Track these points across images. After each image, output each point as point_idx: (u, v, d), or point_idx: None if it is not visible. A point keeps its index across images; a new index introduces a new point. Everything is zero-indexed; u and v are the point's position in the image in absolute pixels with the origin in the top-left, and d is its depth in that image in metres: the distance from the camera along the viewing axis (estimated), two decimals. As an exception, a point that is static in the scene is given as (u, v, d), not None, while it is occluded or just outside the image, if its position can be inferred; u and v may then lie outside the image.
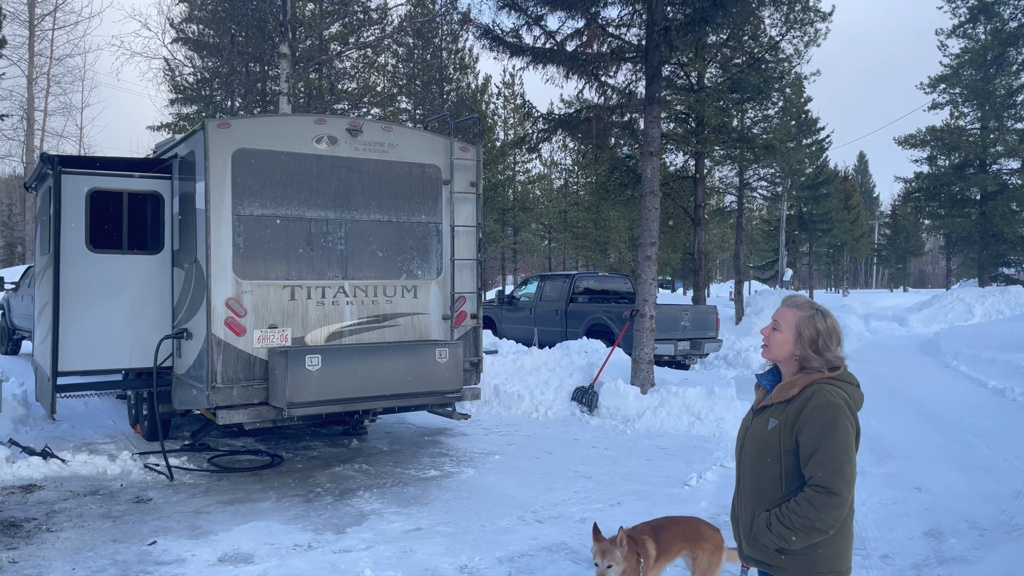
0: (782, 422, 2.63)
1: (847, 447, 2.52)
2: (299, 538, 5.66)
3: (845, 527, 2.62)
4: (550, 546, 5.53)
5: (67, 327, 7.44)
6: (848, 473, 2.51)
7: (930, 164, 39.73)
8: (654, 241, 10.40)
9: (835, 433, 2.53)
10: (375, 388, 6.99)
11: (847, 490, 2.51)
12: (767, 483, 2.67)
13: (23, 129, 37.57)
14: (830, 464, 2.50)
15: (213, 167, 6.72)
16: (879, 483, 7.21)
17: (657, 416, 9.67)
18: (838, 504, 2.50)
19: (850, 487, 2.53)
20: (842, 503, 2.51)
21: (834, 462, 2.50)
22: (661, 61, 10.29)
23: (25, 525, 5.85)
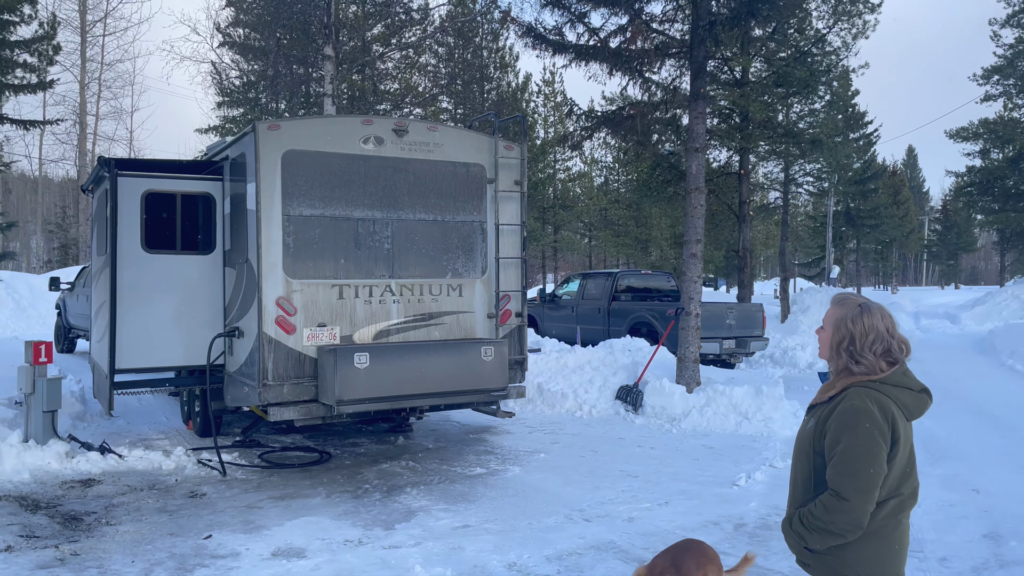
0: (817, 422, 2.62)
1: (863, 454, 2.48)
2: (349, 533, 5.73)
3: (882, 533, 2.55)
4: (598, 545, 5.52)
5: (123, 326, 7.64)
6: (863, 481, 2.47)
7: (983, 157, 38.64)
8: (699, 238, 10.30)
9: (853, 439, 2.49)
10: (422, 386, 7.06)
11: (858, 497, 2.47)
12: (800, 482, 2.68)
13: (76, 133, 38.69)
14: (843, 469, 2.49)
15: (263, 168, 6.84)
16: (935, 485, 7.04)
17: (703, 415, 9.58)
18: (848, 510, 2.47)
19: (863, 494, 2.48)
20: (851, 509, 2.47)
21: (847, 468, 2.48)
22: (706, 56, 10.19)
23: (85, 518, 6.03)
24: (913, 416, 2.59)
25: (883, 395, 2.53)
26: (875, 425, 2.49)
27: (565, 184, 41.22)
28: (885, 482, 2.53)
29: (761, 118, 18.07)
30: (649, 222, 37.62)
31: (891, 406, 2.53)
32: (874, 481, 2.48)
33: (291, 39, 19.96)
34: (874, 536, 2.55)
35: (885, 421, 2.50)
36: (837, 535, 2.53)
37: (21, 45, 14.93)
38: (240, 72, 23.92)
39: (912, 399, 2.59)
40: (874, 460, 2.48)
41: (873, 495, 2.49)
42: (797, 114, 23.11)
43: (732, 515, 6.17)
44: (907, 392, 2.58)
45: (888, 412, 2.51)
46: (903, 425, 2.54)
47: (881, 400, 2.52)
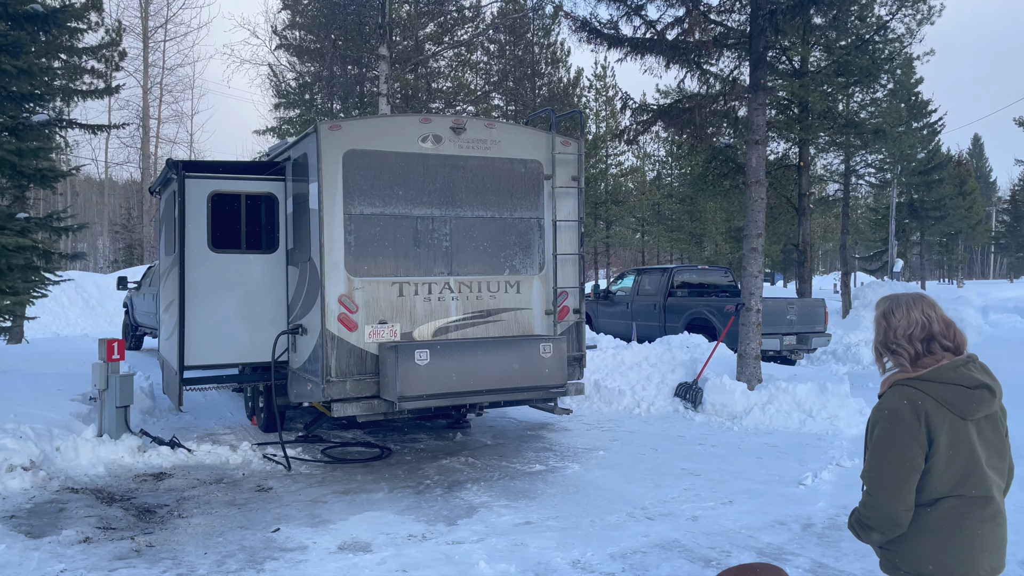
0: (869, 420, 2.68)
1: (887, 452, 2.52)
2: (413, 528, 5.79)
3: (941, 531, 2.53)
4: (663, 544, 5.46)
5: (191, 323, 7.84)
6: (886, 478, 2.52)
7: (1055, 145, 37.00)
8: (760, 232, 10.10)
9: (880, 437, 2.54)
10: (481, 382, 7.08)
11: (882, 494, 2.52)
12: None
13: (139, 136, 39.92)
14: (870, 466, 2.57)
15: (325, 168, 6.94)
16: (1014, 486, 6.76)
17: (765, 413, 9.40)
18: (874, 505, 2.54)
19: (887, 491, 2.52)
20: (877, 504, 2.53)
21: (873, 465, 2.56)
22: (766, 46, 9.97)
23: (158, 511, 6.21)
24: (966, 414, 2.52)
25: (921, 393, 2.52)
26: (901, 424, 2.50)
27: (617, 179, 40.94)
28: (936, 481, 2.52)
29: (821, 109, 17.63)
30: (704, 216, 37.15)
31: (928, 405, 2.50)
32: (898, 479, 2.50)
33: (345, 40, 20.22)
34: (931, 534, 2.54)
35: (916, 420, 2.49)
36: (874, 530, 2.58)
37: (88, 52, 15.43)
38: (296, 74, 24.35)
39: (961, 396, 2.52)
40: (896, 458, 2.50)
41: (898, 493, 2.51)
42: (858, 104, 22.50)
43: (799, 515, 6.04)
44: (954, 389, 2.52)
45: (921, 411, 2.50)
46: (945, 423, 2.50)
47: (915, 399, 2.51)
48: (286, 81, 24.49)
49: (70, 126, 15.24)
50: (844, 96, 21.28)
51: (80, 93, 15.39)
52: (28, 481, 6.61)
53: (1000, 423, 2.63)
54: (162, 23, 40.75)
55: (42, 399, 8.50)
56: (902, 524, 2.54)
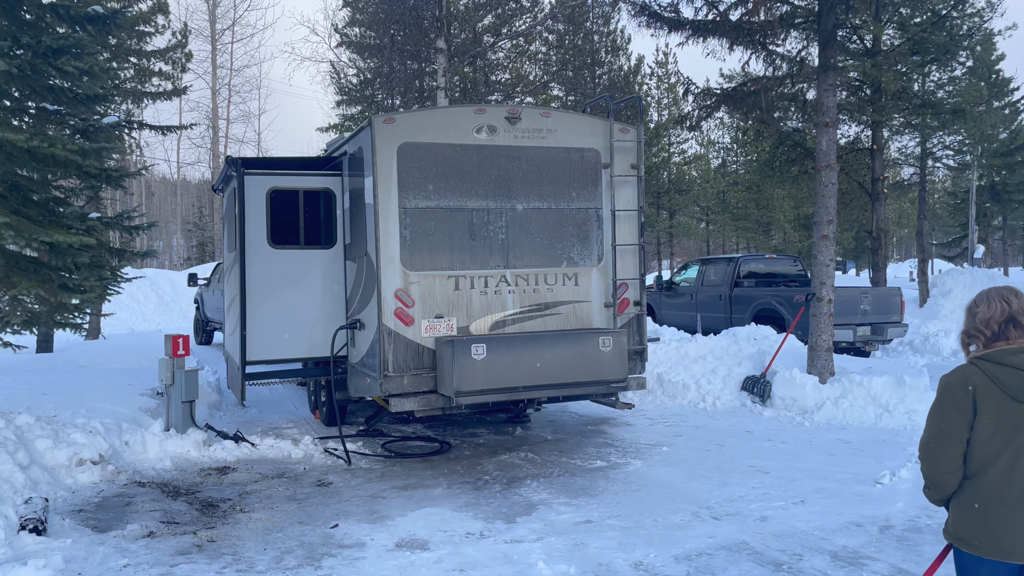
0: None
1: (934, 419, 2.79)
2: (471, 526, 5.69)
3: (980, 506, 2.74)
4: (729, 545, 5.22)
5: (252, 319, 7.92)
6: (929, 443, 2.81)
7: None
8: (831, 218, 9.66)
9: (932, 406, 2.83)
10: (539, 377, 6.93)
11: (926, 456, 2.83)
12: None
13: (209, 137, 41.02)
14: (923, 432, 2.85)
15: (380, 162, 6.89)
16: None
17: (839, 407, 9.00)
18: (922, 466, 2.86)
19: (930, 455, 2.81)
20: (922, 466, 2.85)
21: (924, 431, 2.85)
22: (835, 24, 9.51)
23: (221, 505, 6.27)
24: (1017, 395, 2.66)
25: (977, 370, 2.73)
26: (949, 396, 2.76)
27: (680, 168, 40.15)
28: (975, 455, 2.73)
29: (895, 89, 16.84)
30: (771, 204, 36.10)
31: (979, 381, 2.70)
32: (939, 444, 2.78)
33: (404, 34, 20.28)
34: (966, 505, 2.77)
35: (964, 394, 2.71)
36: (928, 489, 2.90)
37: (156, 55, 15.83)
38: (357, 70, 24.58)
39: (1013, 377, 2.67)
40: (939, 426, 2.77)
41: (938, 457, 2.79)
42: (935, 83, 21.45)
43: (876, 516, 5.71)
44: (1009, 370, 2.69)
45: (966, 383, 2.72)
46: (992, 401, 2.67)
47: (969, 375, 2.74)
48: (347, 78, 24.74)
49: (140, 127, 15.69)
50: (919, 75, 20.31)
51: (149, 95, 15.81)
52: (97, 475, 6.76)
53: None
54: (229, 25, 41.77)
55: (113, 394, 8.73)
56: (944, 486, 2.82)
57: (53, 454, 6.72)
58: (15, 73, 5.95)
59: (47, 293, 6.44)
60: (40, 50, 6.20)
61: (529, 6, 21.65)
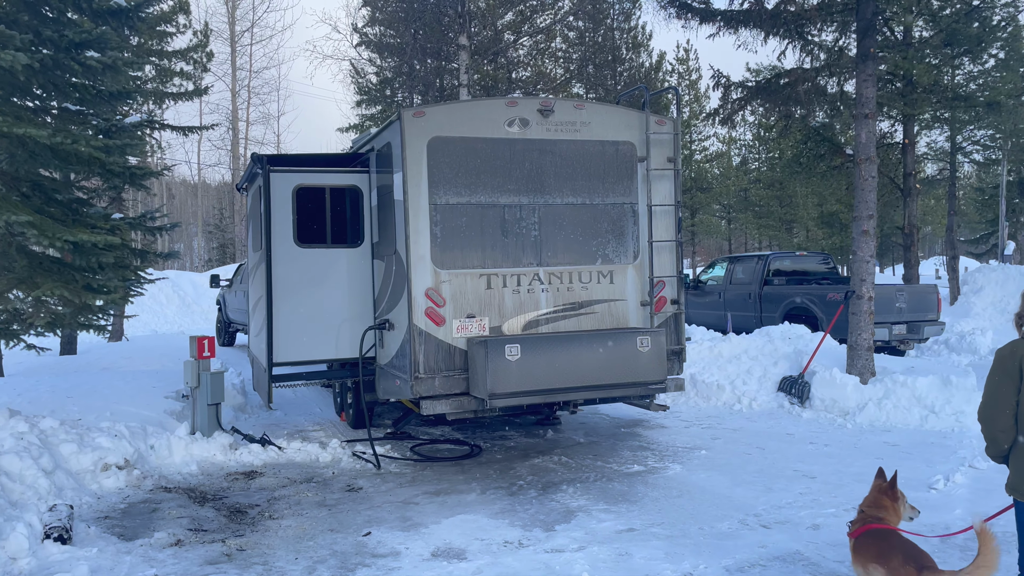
0: None
1: (989, 384, 3.38)
2: (508, 534, 5.46)
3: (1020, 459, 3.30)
4: (783, 556, 4.96)
5: (279, 320, 7.74)
6: (985, 404, 3.39)
7: None
8: (871, 213, 9.34)
9: (989, 373, 3.41)
10: (575, 379, 6.70)
11: (983, 415, 3.40)
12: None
13: (229, 139, 41.11)
14: (981, 398, 3.43)
15: (409, 157, 6.67)
16: None
17: (881, 409, 8.68)
18: (982, 429, 3.43)
19: (985, 414, 3.39)
20: (981, 425, 3.43)
21: (982, 398, 3.42)
22: (876, 12, 9.18)
23: (249, 512, 6.08)
24: None
25: (1022, 342, 3.30)
26: (1000, 364, 3.33)
27: (701, 165, 39.74)
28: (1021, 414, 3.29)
29: (927, 82, 16.44)
30: (794, 201, 35.68)
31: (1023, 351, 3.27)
32: (991, 406, 3.36)
33: (425, 32, 20.11)
34: (1019, 461, 3.32)
35: (1011, 360, 3.29)
36: (986, 446, 3.48)
37: (177, 55, 15.74)
38: (377, 69, 24.44)
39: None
40: (992, 390, 3.36)
41: (992, 417, 3.36)
42: (965, 76, 20.96)
43: (935, 524, 5.42)
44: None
45: (1016, 356, 3.29)
46: None
47: (1018, 347, 3.30)
48: (367, 77, 24.60)
49: (161, 127, 15.60)
50: (950, 68, 19.84)
51: (171, 95, 15.72)
52: (123, 480, 6.60)
53: None
54: (248, 27, 41.86)
55: (137, 397, 8.59)
56: (999, 443, 3.39)
57: (78, 459, 6.57)
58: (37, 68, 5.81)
59: (71, 294, 6.29)
60: (63, 44, 6.05)
61: (551, 2, 21.39)
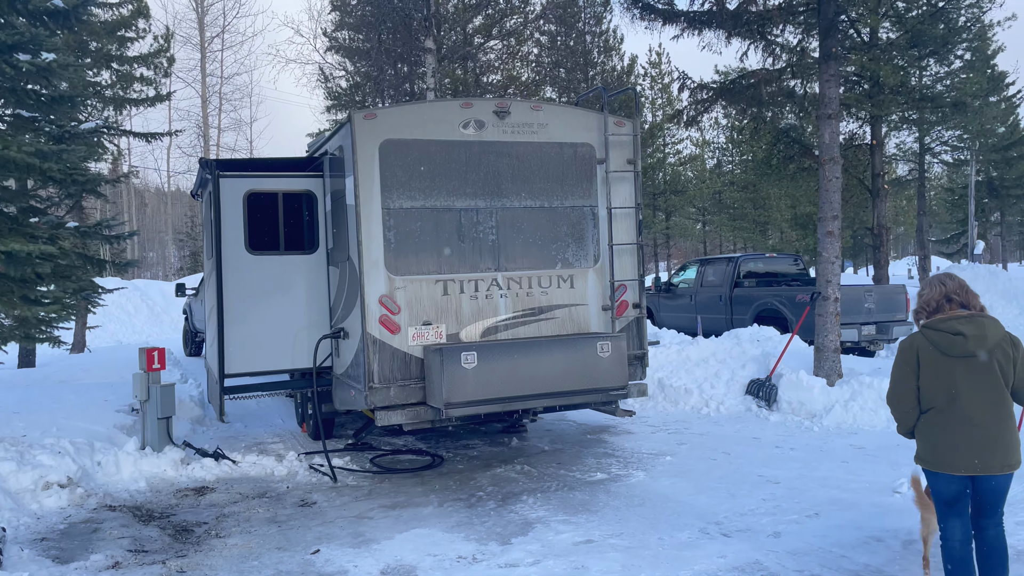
0: None
1: (893, 372, 3.95)
2: (462, 549, 5.28)
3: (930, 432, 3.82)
4: (741, 566, 4.82)
5: (231, 330, 7.51)
6: (890, 389, 3.98)
7: None
8: (836, 214, 9.29)
9: (893, 362, 3.95)
10: (534, 386, 6.54)
11: (890, 400, 3.99)
12: None
13: (200, 146, 40.56)
14: (889, 384, 4.00)
15: (361, 160, 6.49)
16: None
17: (848, 411, 8.60)
18: (891, 411, 4.00)
19: (891, 398, 3.97)
20: (889, 407, 4.01)
21: (889, 384, 3.99)
22: (837, 12, 9.14)
23: (196, 530, 5.86)
24: (948, 352, 3.73)
25: (920, 336, 3.85)
26: (901, 354, 3.90)
27: (675, 168, 39.83)
28: (924, 396, 3.82)
29: (894, 82, 16.50)
30: (767, 203, 35.80)
31: (920, 343, 3.82)
32: (896, 390, 3.93)
33: (393, 36, 19.92)
34: (924, 433, 3.87)
35: (910, 351, 3.85)
36: (897, 429, 4.05)
37: (138, 60, 15.43)
38: (347, 74, 24.20)
39: (943, 339, 3.75)
40: (896, 379, 3.93)
41: (894, 403, 3.96)
42: (932, 77, 21.14)
43: (898, 529, 5.32)
44: (940, 334, 3.77)
45: (913, 347, 3.84)
46: (931, 357, 3.77)
47: (914, 339, 3.86)
48: (336, 82, 24.34)
49: (122, 134, 15.27)
50: (917, 69, 19.99)
51: (131, 101, 15.41)
52: (65, 499, 6.34)
53: (995, 363, 3.69)
54: (218, 33, 41.38)
55: (88, 411, 8.30)
56: (904, 422, 3.95)
57: (17, 478, 6.30)
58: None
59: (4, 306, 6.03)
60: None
61: (520, 5, 21.29)
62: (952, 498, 3.79)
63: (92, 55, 14.42)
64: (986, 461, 3.66)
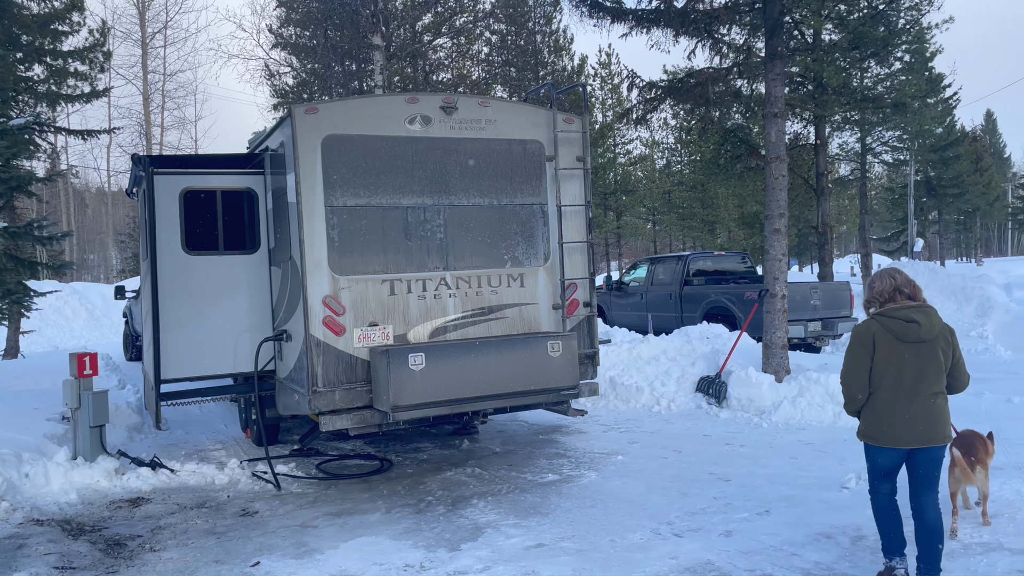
0: None
1: (849, 353, 4.27)
2: (410, 557, 5.12)
3: (876, 410, 4.20)
4: (693, 567, 4.77)
5: (168, 333, 7.21)
6: (846, 370, 4.29)
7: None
8: (782, 212, 9.36)
9: (848, 345, 4.28)
10: (484, 387, 6.41)
11: (845, 379, 4.30)
12: None
13: (142, 145, 39.40)
14: (843, 366, 4.32)
15: (302, 157, 6.27)
16: None
17: (796, 407, 8.68)
18: (842, 386, 4.34)
19: (847, 378, 4.28)
20: (842, 386, 4.33)
21: (844, 361, 4.31)
22: (782, 11, 9.22)
23: (129, 544, 5.58)
24: (902, 338, 4.11)
25: (875, 322, 4.19)
26: (858, 338, 4.22)
27: (626, 168, 40.08)
28: (876, 377, 4.18)
29: (837, 83, 16.81)
30: (716, 203, 36.29)
31: (876, 329, 4.17)
32: (852, 371, 4.25)
33: (341, 33, 19.57)
34: (872, 411, 4.23)
35: (867, 336, 4.17)
36: (846, 403, 4.37)
37: (73, 54, 14.85)
38: (293, 70, 23.71)
39: (897, 326, 4.13)
40: (851, 358, 4.25)
41: (849, 383, 4.27)
42: (874, 78, 21.63)
43: (847, 526, 5.33)
44: (894, 321, 4.13)
45: (870, 332, 4.17)
46: (884, 341, 4.13)
47: (870, 325, 4.20)
48: (282, 79, 23.84)
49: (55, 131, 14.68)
50: (859, 70, 20.44)
51: (64, 97, 14.82)
52: (-13, 514, 5.99)
53: (938, 349, 4.12)
54: (160, 28, 40.28)
55: (15, 420, 7.90)
56: (856, 400, 4.28)
57: (-65, 493, 5.93)
58: None
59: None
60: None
61: (469, 4, 21.14)
62: (889, 470, 4.26)
63: (23, 48, 13.81)
64: (928, 434, 4.09)
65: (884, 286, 4.20)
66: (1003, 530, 5.10)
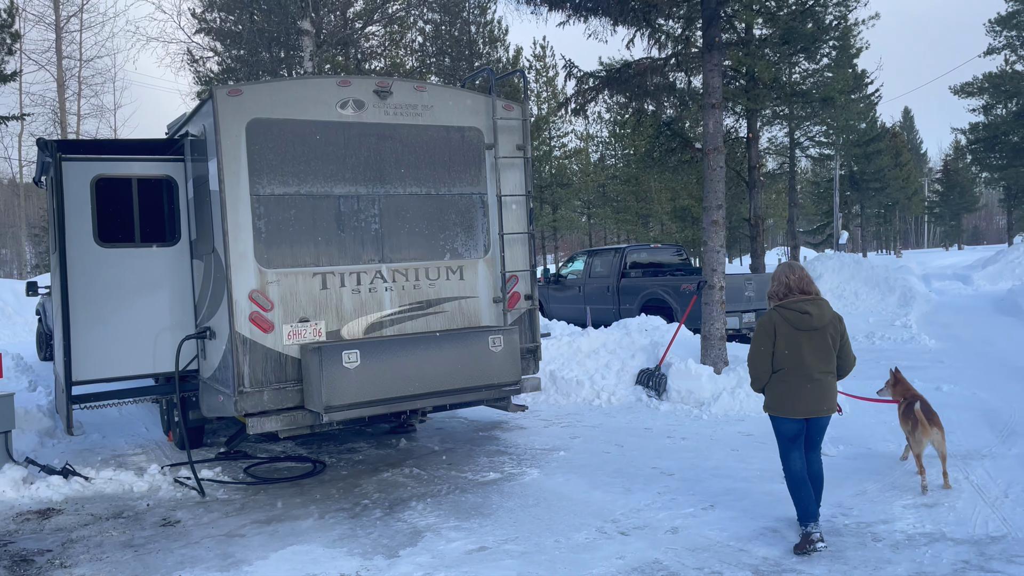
0: None
1: (754, 340, 4.95)
2: (345, 565, 4.84)
3: (777, 387, 4.91)
4: (641, 566, 4.62)
5: (80, 332, 6.71)
6: (751, 353, 4.98)
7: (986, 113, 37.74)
8: (720, 204, 9.35)
9: (754, 332, 4.96)
10: (423, 384, 6.15)
11: (751, 365, 5.00)
12: None
13: (57, 133, 37.49)
14: (749, 350, 5.02)
15: (225, 141, 5.88)
16: (1015, 466, 6.15)
17: (735, 398, 8.68)
18: (749, 371, 5.04)
19: (752, 360, 4.98)
20: (748, 367, 5.05)
21: (749, 350, 5.01)
22: (720, 2, 9.18)
23: (37, 559, 5.13)
24: (799, 327, 4.79)
25: (776, 312, 4.87)
26: (761, 327, 4.91)
27: (561, 161, 40.16)
28: (777, 360, 4.87)
29: (767, 78, 17.06)
30: (649, 196, 36.68)
31: (776, 319, 4.84)
32: (755, 354, 4.94)
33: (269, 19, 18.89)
34: (774, 388, 4.93)
35: (769, 325, 4.85)
36: (752, 381, 5.08)
37: (-24, 35, 13.88)
38: (217, 56, 22.81)
39: (794, 316, 4.81)
40: (755, 344, 4.93)
41: (754, 364, 4.97)
42: (803, 73, 22.09)
43: (791, 519, 5.26)
44: (791, 312, 4.82)
45: (771, 321, 4.85)
46: (783, 330, 4.82)
47: (772, 315, 4.88)
48: (207, 66, 22.91)
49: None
50: (788, 66, 20.82)
51: (-34, 80, 13.84)
52: None
53: (828, 335, 4.81)
54: (75, 12, 38.32)
55: (-91, 428, 7.25)
56: (760, 380, 4.98)
57: None
58: None
59: None
60: None
61: (402, -10, 20.69)
62: (794, 435, 4.90)
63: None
64: (820, 406, 4.85)
65: (784, 281, 4.90)
66: (944, 519, 5.13)
